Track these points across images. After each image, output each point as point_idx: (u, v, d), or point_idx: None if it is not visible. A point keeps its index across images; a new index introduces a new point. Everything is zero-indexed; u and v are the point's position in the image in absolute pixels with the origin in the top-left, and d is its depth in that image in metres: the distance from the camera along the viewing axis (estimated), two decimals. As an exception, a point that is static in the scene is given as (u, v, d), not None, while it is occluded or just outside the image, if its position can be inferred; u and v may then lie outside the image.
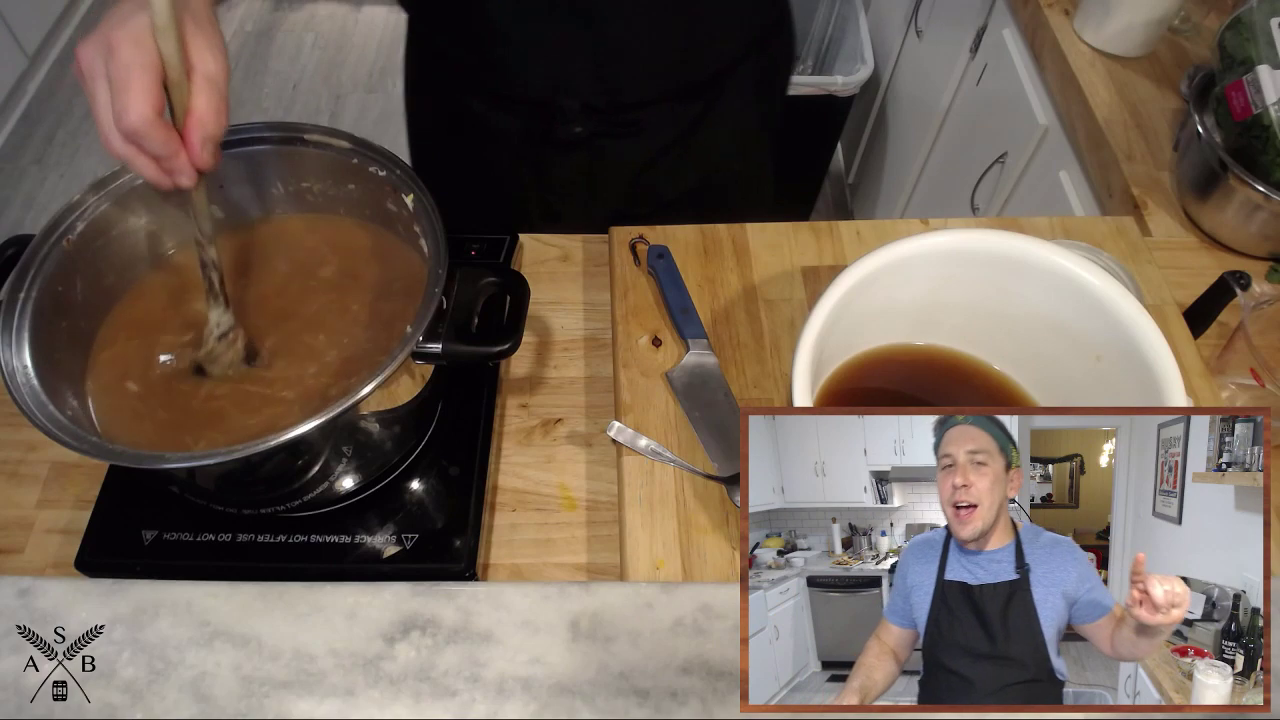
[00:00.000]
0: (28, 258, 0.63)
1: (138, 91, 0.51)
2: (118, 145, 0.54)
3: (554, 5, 0.77)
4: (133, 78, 0.51)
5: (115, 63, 0.52)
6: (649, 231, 0.82)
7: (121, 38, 0.52)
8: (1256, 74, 0.84)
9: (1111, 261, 0.79)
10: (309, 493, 0.65)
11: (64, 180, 2.36)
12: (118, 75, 0.52)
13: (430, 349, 0.61)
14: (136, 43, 0.52)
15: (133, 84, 0.51)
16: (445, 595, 0.54)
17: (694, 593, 0.55)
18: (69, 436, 0.55)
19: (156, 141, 0.53)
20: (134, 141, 0.53)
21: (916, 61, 1.74)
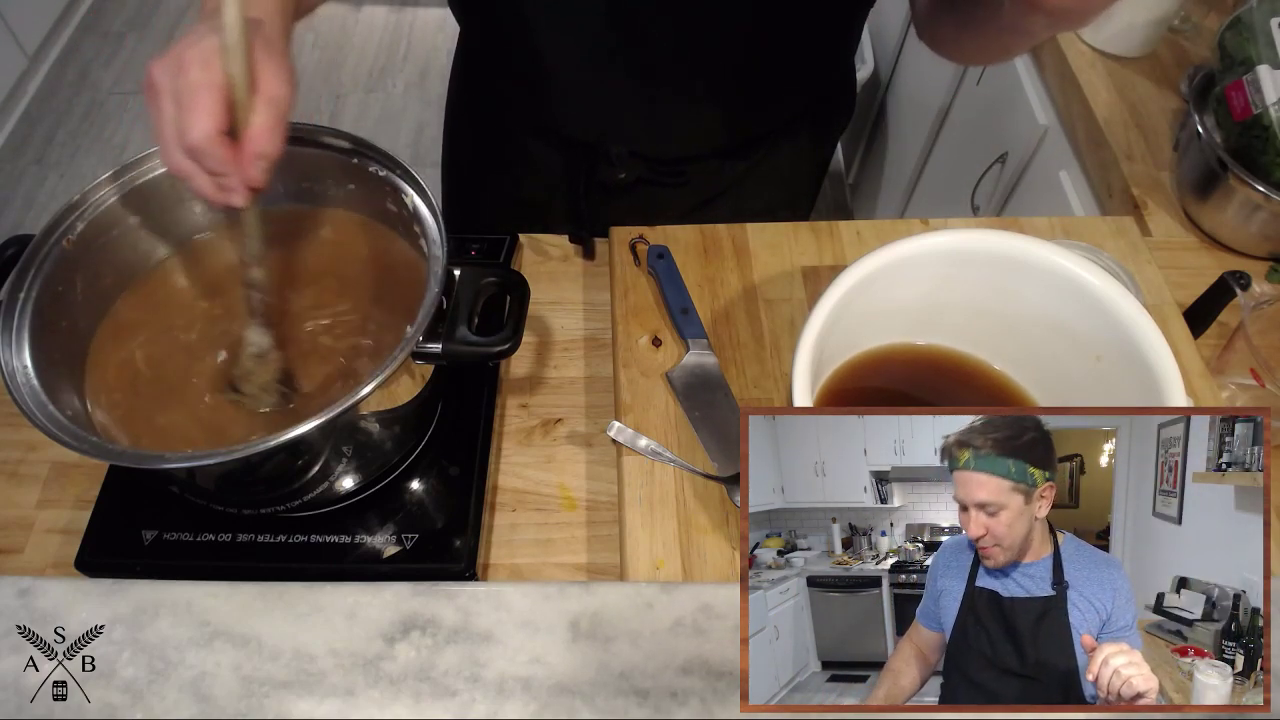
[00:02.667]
0: (28, 258, 0.63)
1: (202, 109, 0.52)
2: (179, 160, 0.55)
3: (614, 56, 0.77)
4: (199, 96, 0.52)
5: (183, 81, 0.53)
6: (649, 231, 0.82)
7: (192, 58, 0.53)
8: (1256, 74, 0.84)
9: (1111, 261, 0.79)
10: (309, 493, 0.65)
11: (64, 180, 2.36)
12: (184, 93, 0.53)
13: (430, 349, 0.61)
14: (205, 63, 0.52)
15: (199, 102, 0.52)
16: (445, 595, 0.54)
17: (694, 593, 0.55)
18: (69, 436, 0.55)
19: (216, 159, 0.54)
20: (194, 158, 0.54)
21: (916, 61, 1.74)
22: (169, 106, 0.53)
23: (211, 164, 0.54)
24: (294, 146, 0.70)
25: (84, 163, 2.41)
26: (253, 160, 0.55)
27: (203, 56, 0.53)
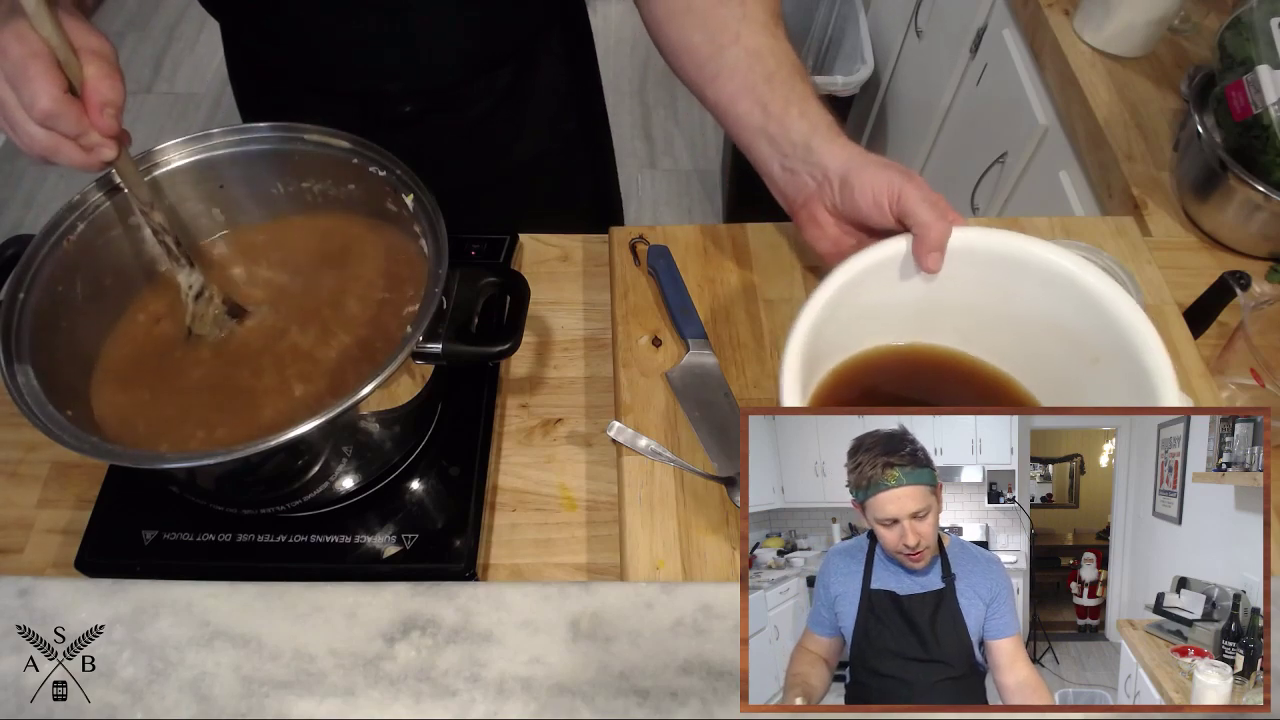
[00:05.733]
0: (28, 258, 0.63)
1: (39, 76, 0.54)
2: (39, 136, 0.56)
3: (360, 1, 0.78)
4: (30, 67, 0.54)
5: (7, 62, 0.54)
6: (649, 231, 0.82)
7: (7, 39, 0.54)
8: (1256, 74, 0.84)
9: (1111, 261, 0.79)
10: (309, 493, 0.65)
11: (64, 180, 2.36)
12: (15, 72, 0.54)
13: (430, 349, 0.61)
14: (21, 38, 0.54)
15: (31, 73, 0.54)
16: (445, 595, 0.54)
17: (694, 593, 0.55)
18: (69, 436, 0.55)
19: (70, 119, 0.55)
20: (50, 125, 0.55)
21: (916, 61, 1.74)
22: (6, 93, 0.55)
23: (67, 126, 0.55)
24: (294, 146, 0.71)
25: (84, 163, 2.41)
26: (100, 109, 0.56)
27: (16, 33, 0.54)
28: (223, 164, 0.71)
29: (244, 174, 0.72)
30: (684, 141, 2.45)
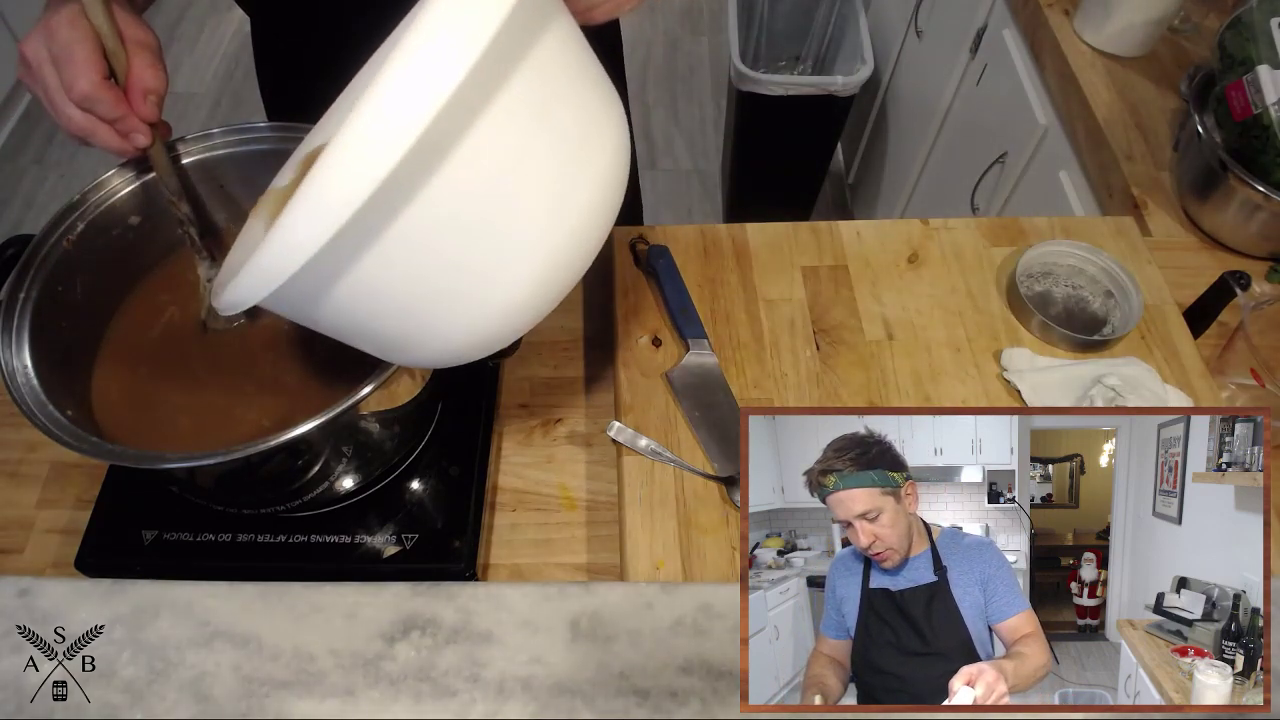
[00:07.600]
0: (28, 258, 0.63)
1: (82, 61, 0.56)
2: (76, 118, 0.58)
3: None
4: (75, 51, 0.56)
5: (56, 44, 0.56)
6: (649, 232, 0.82)
7: (59, 23, 0.56)
8: (1256, 74, 0.84)
9: (1111, 261, 0.79)
10: (309, 493, 0.65)
11: (64, 180, 2.36)
12: (61, 54, 0.56)
13: (430, 349, 0.61)
14: (72, 23, 0.56)
15: (76, 56, 0.56)
16: (445, 595, 0.54)
17: (694, 593, 0.55)
18: (69, 436, 0.55)
19: (108, 104, 0.57)
20: (88, 108, 0.57)
21: (916, 61, 1.74)
22: (49, 72, 0.57)
23: (105, 109, 0.57)
24: (294, 146, 0.71)
25: (84, 163, 2.41)
26: (142, 97, 0.58)
27: (68, 18, 0.56)
28: (223, 164, 0.71)
29: (245, 173, 0.72)
30: (684, 141, 2.45)
